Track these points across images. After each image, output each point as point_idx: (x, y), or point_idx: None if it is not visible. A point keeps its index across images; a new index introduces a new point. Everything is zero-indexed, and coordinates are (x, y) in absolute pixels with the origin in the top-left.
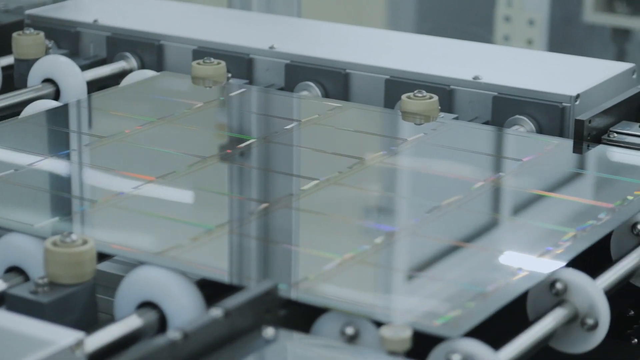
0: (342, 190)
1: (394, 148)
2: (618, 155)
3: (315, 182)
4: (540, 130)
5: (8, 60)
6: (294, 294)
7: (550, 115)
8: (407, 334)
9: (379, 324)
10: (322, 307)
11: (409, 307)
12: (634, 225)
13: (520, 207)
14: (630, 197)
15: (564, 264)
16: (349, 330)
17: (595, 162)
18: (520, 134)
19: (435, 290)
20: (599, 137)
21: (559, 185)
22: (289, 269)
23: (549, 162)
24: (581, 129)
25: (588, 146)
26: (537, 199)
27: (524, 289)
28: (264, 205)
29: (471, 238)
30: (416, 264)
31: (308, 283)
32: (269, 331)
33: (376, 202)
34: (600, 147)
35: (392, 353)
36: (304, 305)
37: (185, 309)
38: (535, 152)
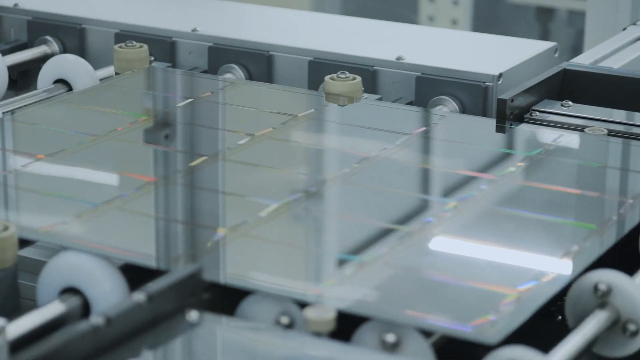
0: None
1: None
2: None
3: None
4: (464, 109)
5: None
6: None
7: (473, 95)
8: (331, 315)
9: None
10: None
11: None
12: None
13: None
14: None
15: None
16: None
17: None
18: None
19: (453, 292)
20: (521, 116)
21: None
22: (217, 253)
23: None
24: (503, 108)
25: (511, 125)
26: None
27: (554, 291)
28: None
29: (489, 237)
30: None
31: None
32: (193, 315)
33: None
34: (523, 126)
35: (316, 334)
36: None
37: (108, 294)
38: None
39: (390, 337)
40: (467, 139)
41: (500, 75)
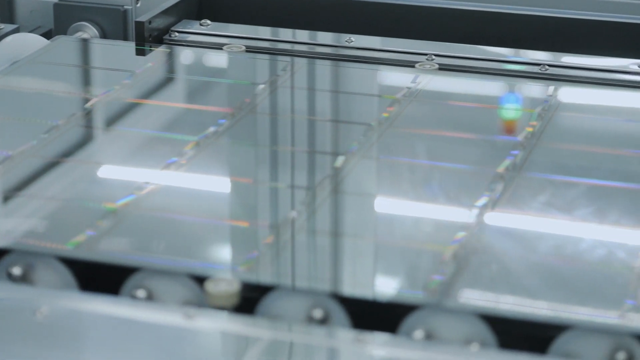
0: None
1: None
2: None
3: None
4: (104, 35)
5: None
6: None
7: (112, 20)
8: None
9: None
10: None
11: None
12: None
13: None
14: None
15: None
16: None
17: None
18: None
19: None
20: (160, 37)
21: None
22: None
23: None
24: (141, 30)
25: (150, 47)
26: None
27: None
28: None
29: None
30: None
31: None
32: None
33: None
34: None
35: None
36: None
37: None
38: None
39: (16, 271)
40: (106, 64)
41: None
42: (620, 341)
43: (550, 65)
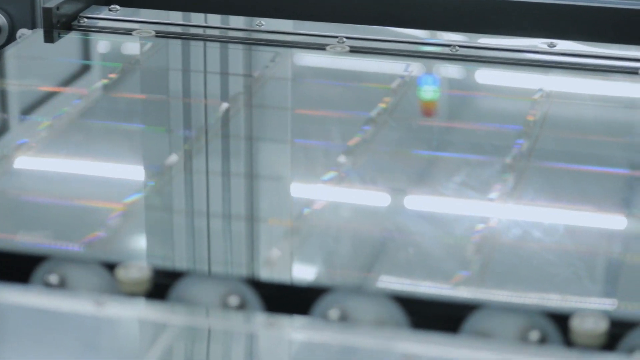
0: None
1: None
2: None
3: None
4: (13, 22)
5: None
6: None
7: (20, 6)
8: None
9: None
10: None
11: None
12: None
13: None
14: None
15: None
16: None
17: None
18: None
19: None
20: (69, 23)
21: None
22: None
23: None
24: (49, 16)
25: (59, 34)
26: None
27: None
28: None
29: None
30: None
31: None
32: None
33: None
34: (72, 33)
35: None
36: None
37: None
38: None
39: None
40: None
41: None
42: (534, 320)
43: (461, 46)
